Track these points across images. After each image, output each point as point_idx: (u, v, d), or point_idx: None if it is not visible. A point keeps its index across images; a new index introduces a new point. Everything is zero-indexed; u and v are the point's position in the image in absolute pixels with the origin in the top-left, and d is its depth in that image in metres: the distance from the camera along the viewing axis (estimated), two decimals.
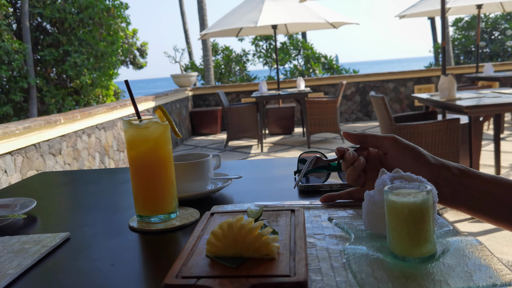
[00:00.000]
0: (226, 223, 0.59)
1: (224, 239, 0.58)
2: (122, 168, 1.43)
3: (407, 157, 0.73)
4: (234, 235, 0.58)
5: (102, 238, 0.79)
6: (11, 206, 0.98)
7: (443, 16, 4.37)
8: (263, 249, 0.57)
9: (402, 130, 3.19)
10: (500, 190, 0.66)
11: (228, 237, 0.58)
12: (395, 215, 0.53)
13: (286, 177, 1.13)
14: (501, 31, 14.58)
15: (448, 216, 3.25)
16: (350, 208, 0.83)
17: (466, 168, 0.70)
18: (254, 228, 0.58)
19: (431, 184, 0.57)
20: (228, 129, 6.71)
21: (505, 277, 0.48)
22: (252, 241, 0.57)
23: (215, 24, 7.82)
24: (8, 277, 0.63)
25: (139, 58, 14.15)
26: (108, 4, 10.62)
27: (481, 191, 0.67)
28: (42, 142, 3.60)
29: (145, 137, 0.83)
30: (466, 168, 0.70)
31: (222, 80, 12.72)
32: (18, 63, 8.89)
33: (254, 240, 0.57)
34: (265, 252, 0.57)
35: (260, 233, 0.58)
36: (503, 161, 4.57)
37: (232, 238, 0.58)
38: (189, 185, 0.97)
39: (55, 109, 9.88)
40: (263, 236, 0.57)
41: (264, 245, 0.57)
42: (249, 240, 0.57)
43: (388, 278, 0.50)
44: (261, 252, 0.57)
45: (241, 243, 0.58)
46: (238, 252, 0.58)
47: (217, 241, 0.59)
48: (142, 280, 0.63)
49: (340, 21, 7.54)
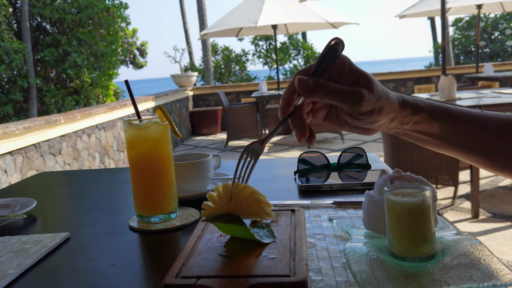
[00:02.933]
0: (221, 185, 0.62)
1: (219, 200, 0.62)
2: (122, 168, 1.43)
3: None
4: (228, 195, 0.61)
5: (102, 238, 0.79)
6: (11, 206, 0.98)
7: (443, 16, 4.37)
8: (254, 207, 0.60)
9: None
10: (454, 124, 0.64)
11: (223, 198, 0.62)
12: (395, 215, 0.53)
13: (286, 177, 1.13)
14: (501, 31, 14.59)
15: (448, 216, 3.25)
16: (350, 208, 0.83)
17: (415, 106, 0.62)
18: (248, 186, 0.61)
19: (431, 184, 0.57)
20: (228, 129, 6.71)
21: (505, 277, 0.48)
22: (245, 199, 0.60)
23: (215, 24, 7.82)
24: (8, 277, 0.63)
25: (139, 58, 14.14)
26: (107, 4, 10.61)
27: (431, 134, 0.64)
28: (42, 142, 3.60)
29: (145, 137, 0.83)
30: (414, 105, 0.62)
31: (222, 80, 12.73)
32: (18, 63, 8.89)
33: (247, 197, 0.60)
34: (256, 210, 0.60)
35: (253, 191, 0.61)
36: None
37: (227, 198, 0.61)
38: (189, 185, 0.97)
39: (55, 109, 9.87)
40: (256, 194, 0.60)
41: (256, 202, 0.60)
42: (242, 197, 0.60)
43: (388, 278, 0.50)
44: (252, 210, 0.60)
45: (234, 202, 0.61)
46: (232, 211, 0.61)
47: (213, 202, 0.62)
48: (142, 280, 0.63)
49: (340, 21, 7.54)
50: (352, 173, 1.08)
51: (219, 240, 0.64)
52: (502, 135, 0.64)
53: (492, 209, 3.32)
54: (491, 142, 0.64)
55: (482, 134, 0.64)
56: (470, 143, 0.64)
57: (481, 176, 4.11)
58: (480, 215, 3.21)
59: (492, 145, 0.64)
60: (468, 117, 0.64)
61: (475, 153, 0.65)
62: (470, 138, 0.64)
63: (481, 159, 0.66)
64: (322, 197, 0.93)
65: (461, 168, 3.37)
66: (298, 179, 1.04)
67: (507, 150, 0.64)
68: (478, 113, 0.65)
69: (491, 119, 0.65)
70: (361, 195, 0.91)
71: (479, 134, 0.64)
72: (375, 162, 1.19)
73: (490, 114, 0.66)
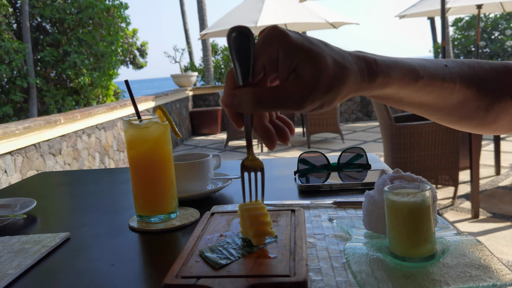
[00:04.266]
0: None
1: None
2: (122, 168, 1.43)
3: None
4: (241, 211, 0.62)
5: (102, 238, 0.79)
6: (11, 206, 0.98)
7: (443, 16, 4.37)
8: (253, 233, 0.59)
9: (402, 130, 3.19)
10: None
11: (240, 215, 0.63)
12: (395, 215, 0.53)
13: (286, 177, 1.13)
14: (501, 31, 14.59)
15: (448, 216, 3.25)
16: (350, 208, 0.83)
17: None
18: (260, 209, 0.60)
19: (431, 184, 0.57)
20: (228, 129, 6.71)
21: (505, 277, 0.48)
22: (251, 223, 0.60)
23: (215, 24, 7.82)
24: (8, 277, 0.63)
25: (139, 58, 14.15)
26: (108, 4, 10.61)
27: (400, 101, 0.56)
28: (42, 142, 3.60)
29: (145, 137, 0.83)
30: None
31: (222, 80, 12.72)
32: (18, 63, 8.89)
33: (252, 222, 0.60)
34: (251, 237, 0.60)
35: (260, 221, 0.60)
36: (503, 161, 4.58)
37: (240, 215, 0.62)
38: (189, 185, 0.97)
39: (55, 109, 9.87)
40: (261, 224, 0.59)
41: (258, 231, 0.59)
42: (249, 221, 0.60)
43: (388, 278, 0.50)
44: (251, 236, 0.60)
45: (242, 221, 0.62)
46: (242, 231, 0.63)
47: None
48: (142, 280, 0.63)
49: (340, 21, 7.55)
50: (352, 173, 1.08)
51: (219, 240, 0.64)
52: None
53: (492, 209, 3.32)
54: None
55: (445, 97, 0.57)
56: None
57: (481, 176, 4.11)
58: (480, 215, 3.20)
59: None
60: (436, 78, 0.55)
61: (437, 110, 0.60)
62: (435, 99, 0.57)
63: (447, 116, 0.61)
64: (322, 197, 0.93)
65: (461, 168, 3.37)
66: (298, 179, 1.04)
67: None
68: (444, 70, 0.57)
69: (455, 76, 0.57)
70: (361, 195, 0.91)
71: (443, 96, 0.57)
72: (375, 162, 1.19)
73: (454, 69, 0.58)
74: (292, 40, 0.45)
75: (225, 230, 0.69)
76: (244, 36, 0.46)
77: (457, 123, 0.63)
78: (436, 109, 0.60)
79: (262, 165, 0.57)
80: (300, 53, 0.44)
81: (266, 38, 0.46)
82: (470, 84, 0.58)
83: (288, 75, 0.45)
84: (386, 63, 0.50)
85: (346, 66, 0.46)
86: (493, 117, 0.62)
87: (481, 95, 0.59)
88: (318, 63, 0.44)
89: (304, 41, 0.45)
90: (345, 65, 0.46)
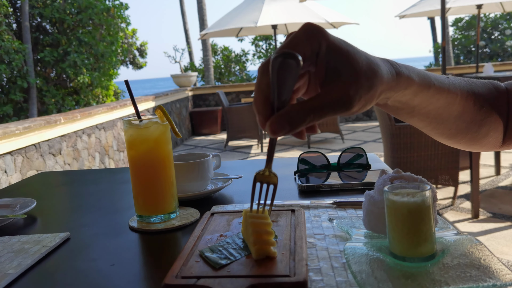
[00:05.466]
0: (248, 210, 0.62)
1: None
2: (122, 168, 1.43)
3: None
4: (245, 219, 0.62)
5: (102, 238, 0.79)
6: (11, 206, 0.98)
7: (443, 16, 4.37)
8: (253, 244, 0.58)
9: (402, 130, 3.19)
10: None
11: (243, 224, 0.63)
12: (395, 215, 0.53)
13: (286, 177, 1.13)
14: (501, 31, 14.59)
15: (448, 216, 3.25)
16: (350, 208, 0.83)
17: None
18: (262, 219, 0.59)
19: (431, 184, 0.57)
20: (228, 129, 6.71)
21: (505, 277, 0.48)
22: (251, 233, 0.59)
23: (215, 24, 7.82)
24: (8, 277, 0.63)
25: (139, 58, 14.15)
26: (108, 4, 10.62)
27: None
28: (42, 142, 3.60)
29: (145, 137, 0.83)
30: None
31: (222, 80, 12.73)
32: (18, 63, 8.89)
33: (252, 233, 0.59)
34: (251, 248, 0.59)
35: (261, 231, 0.58)
36: (503, 161, 4.58)
37: (244, 222, 0.63)
38: (189, 185, 0.97)
39: (55, 109, 9.88)
40: (260, 235, 0.58)
41: (257, 243, 0.58)
42: (250, 231, 0.59)
43: (388, 278, 0.50)
44: (251, 247, 0.60)
45: (244, 229, 0.62)
46: (245, 238, 0.63)
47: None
48: (142, 280, 0.63)
49: (340, 21, 7.55)
50: (352, 173, 1.08)
51: (219, 240, 0.64)
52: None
53: (492, 209, 3.32)
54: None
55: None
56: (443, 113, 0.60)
57: (481, 176, 4.11)
58: (480, 215, 3.21)
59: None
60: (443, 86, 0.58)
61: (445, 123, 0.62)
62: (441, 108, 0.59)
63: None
64: (322, 197, 0.93)
65: (461, 168, 3.37)
66: (298, 179, 1.04)
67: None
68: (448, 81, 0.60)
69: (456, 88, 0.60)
70: (361, 195, 0.91)
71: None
72: (375, 162, 1.19)
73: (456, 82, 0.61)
74: (332, 37, 0.46)
75: (225, 230, 0.69)
76: (289, 57, 0.43)
77: (454, 137, 0.66)
78: (439, 121, 0.62)
79: (276, 182, 0.57)
80: (340, 52, 0.46)
81: (309, 31, 0.46)
82: (468, 96, 0.62)
83: (325, 72, 0.46)
84: (405, 66, 0.53)
85: (378, 64, 0.48)
86: (485, 132, 0.65)
87: (477, 109, 0.63)
88: (356, 62, 0.45)
89: (340, 40, 0.47)
90: (376, 63, 0.48)
